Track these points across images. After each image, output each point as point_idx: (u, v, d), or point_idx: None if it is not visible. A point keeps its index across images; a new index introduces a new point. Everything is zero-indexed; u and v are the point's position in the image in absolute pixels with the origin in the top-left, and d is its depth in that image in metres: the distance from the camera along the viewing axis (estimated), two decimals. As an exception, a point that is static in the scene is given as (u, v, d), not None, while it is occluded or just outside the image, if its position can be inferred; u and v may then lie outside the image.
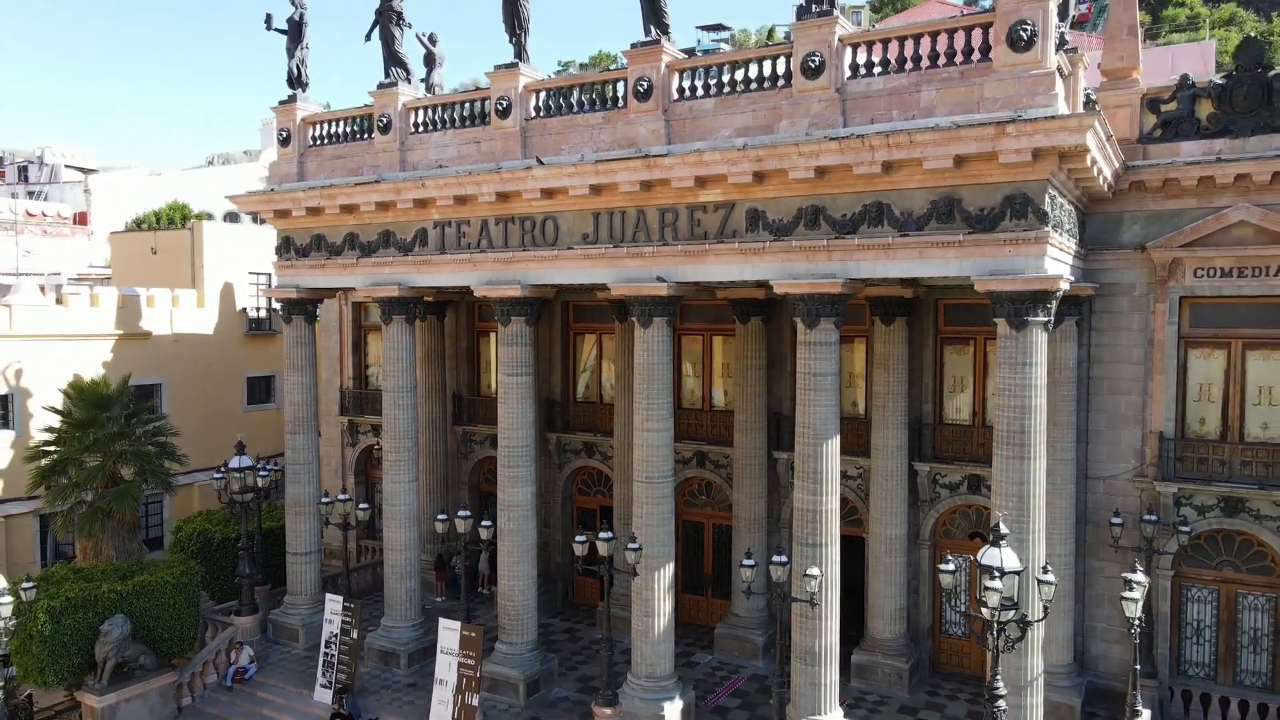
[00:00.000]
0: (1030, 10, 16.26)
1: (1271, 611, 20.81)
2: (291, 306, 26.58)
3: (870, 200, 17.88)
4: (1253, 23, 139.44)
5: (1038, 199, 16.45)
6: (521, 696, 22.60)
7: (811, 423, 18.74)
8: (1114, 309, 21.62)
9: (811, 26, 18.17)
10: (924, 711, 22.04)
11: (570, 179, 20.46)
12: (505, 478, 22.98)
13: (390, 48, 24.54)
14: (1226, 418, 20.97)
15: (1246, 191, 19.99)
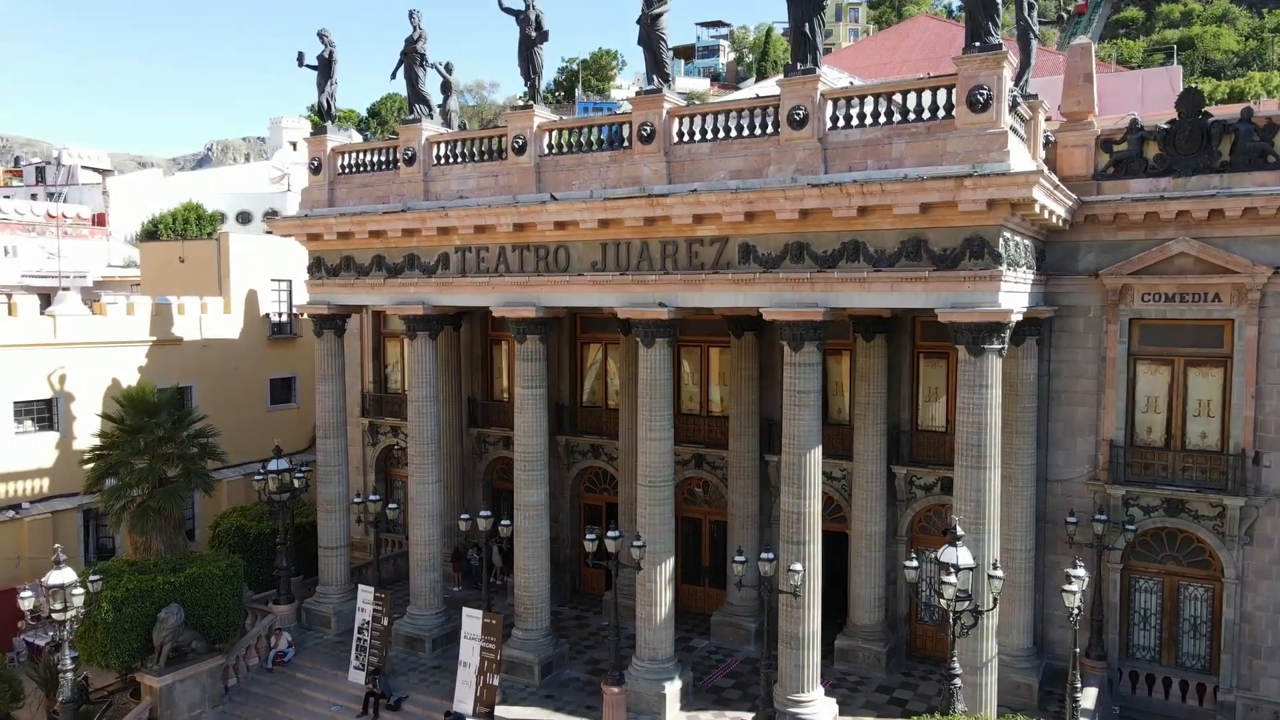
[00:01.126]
0: (986, 77, 18.55)
1: (1209, 601, 23.24)
2: (322, 322, 28.93)
3: (848, 238, 20.21)
4: (1245, 19, 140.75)
5: (993, 242, 18.78)
6: (536, 677, 25.08)
7: (796, 434, 21.13)
8: (1071, 329, 23.96)
9: (797, 83, 20.45)
10: (899, 690, 24.51)
11: (581, 214, 22.76)
12: (521, 480, 25.39)
13: (414, 86, 26.79)
14: (1170, 427, 23.35)
15: (1187, 225, 22.30)
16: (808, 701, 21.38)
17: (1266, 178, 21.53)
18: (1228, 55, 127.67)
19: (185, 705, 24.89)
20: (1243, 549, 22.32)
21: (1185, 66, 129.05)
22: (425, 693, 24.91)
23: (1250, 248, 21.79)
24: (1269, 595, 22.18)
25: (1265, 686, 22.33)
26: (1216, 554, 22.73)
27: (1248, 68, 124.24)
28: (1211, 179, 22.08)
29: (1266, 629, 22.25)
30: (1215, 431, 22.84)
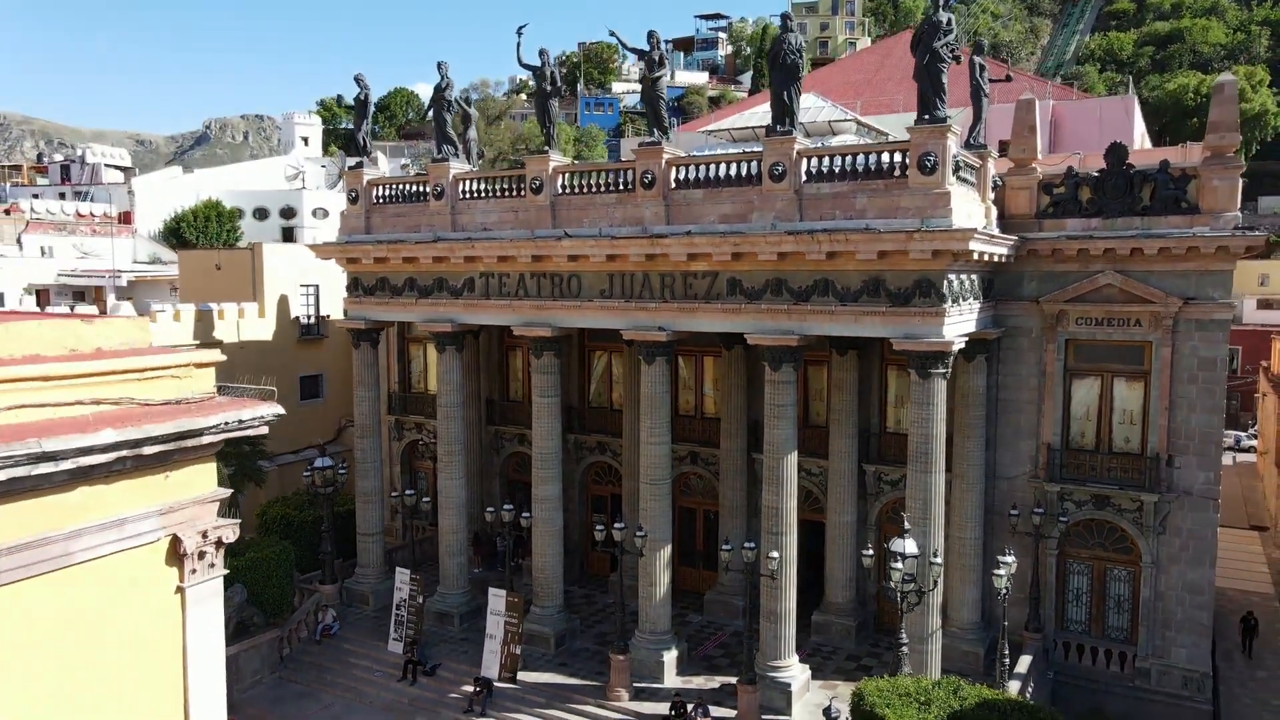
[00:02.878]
0: (934, 145, 22.12)
1: (1130, 582, 27.03)
2: (359, 335, 32.57)
3: (819, 277, 23.81)
4: (1234, 11, 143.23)
5: (938, 283, 22.39)
6: (552, 647, 28.92)
7: (775, 441, 24.85)
8: (1016, 347, 27.60)
9: (777, 142, 24.00)
10: (865, 659, 28.34)
11: (590, 249, 26.34)
12: (538, 477, 29.14)
13: (442, 129, 30.28)
14: (1099, 433, 27.06)
15: (1113, 260, 25.87)
16: (784, 667, 25.23)
17: (1179, 221, 25.13)
18: (1215, 48, 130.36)
19: (249, 672, 28.72)
20: (1157, 538, 26.09)
21: (1174, 59, 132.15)
22: (456, 661, 28.76)
23: (1165, 281, 25.39)
24: (1178, 577, 25.97)
25: (1175, 654, 26.18)
26: (1136, 542, 26.50)
27: (1235, 61, 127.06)
28: (1134, 220, 25.67)
29: (1176, 605, 26.07)
30: (1136, 437, 26.54)
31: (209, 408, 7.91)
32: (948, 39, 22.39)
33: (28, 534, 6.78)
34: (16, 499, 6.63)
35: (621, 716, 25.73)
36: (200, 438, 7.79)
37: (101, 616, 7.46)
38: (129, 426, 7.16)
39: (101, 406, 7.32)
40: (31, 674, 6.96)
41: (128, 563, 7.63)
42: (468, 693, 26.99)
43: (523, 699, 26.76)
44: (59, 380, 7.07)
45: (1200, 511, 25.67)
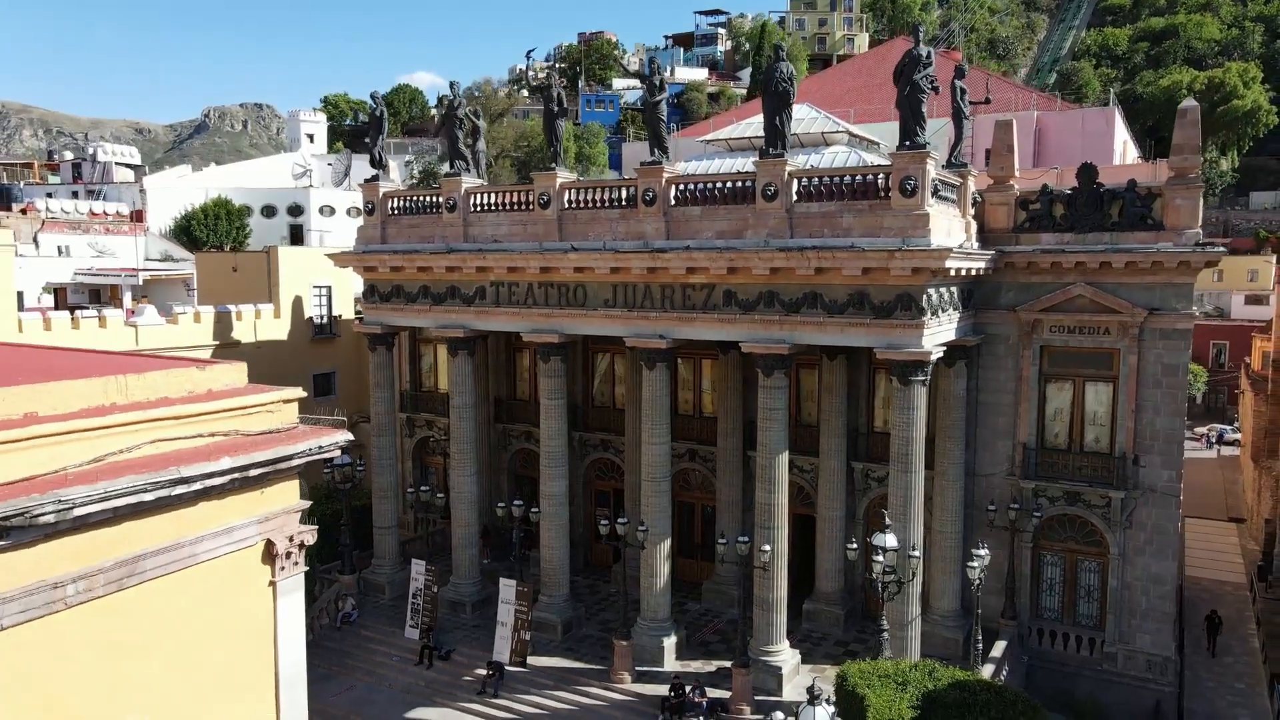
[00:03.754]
0: (914, 170, 23.90)
1: (1099, 573, 28.93)
2: (375, 339, 34.38)
3: (808, 290, 25.62)
4: (1229, 7, 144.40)
5: (918, 298, 24.20)
6: (559, 634, 30.84)
7: (768, 442, 26.70)
8: (995, 353, 29.42)
9: (769, 164, 25.77)
10: (852, 644, 30.25)
11: (596, 262, 28.14)
12: (545, 475, 31.01)
13: (454, 145, 32.03)
14: (1071, 434, 28.92)
15: (1084, 273, 27.67)
16: (776, 652, 27.16)
17: (1145, 236, 26.93)
18: (1209, 44, 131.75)
19: (275, 656, 30.59)
20: (1124, 531, 27.98)
21: (1168, 55, 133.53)
22: (469, 646, 30.69)
23: (1132, 292, 27.20)
24: (1143, 568, 27.88)
25: (1140, 640, 28.12)
26: (1104, 535, 28.40)
27: (1228, 56, 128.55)
28: (1104, 236, 27.46)
29: (1141, 595, 27.98)
30: (1105, 438, 28.40)
31: (296, 436, 9.72)
32: (927, 71, 24.12)
33: (167, 540, 8.60)
34: (160, 512, 8.45)
35: (624, 698, 27.66)
36: (290, 461, 9.61)
37: (215, 604, 9.29)
38: (240, 454, 8.97)
39: (216, 438, 9.12)
40: (169, 647, 8.80)
41: (234, 562, 9.45)
42: (481, 676, 28.92)
43: (532, 682, 28.70)
44: (185, 418, 8.87)
45: (1163, 507, 27.56)
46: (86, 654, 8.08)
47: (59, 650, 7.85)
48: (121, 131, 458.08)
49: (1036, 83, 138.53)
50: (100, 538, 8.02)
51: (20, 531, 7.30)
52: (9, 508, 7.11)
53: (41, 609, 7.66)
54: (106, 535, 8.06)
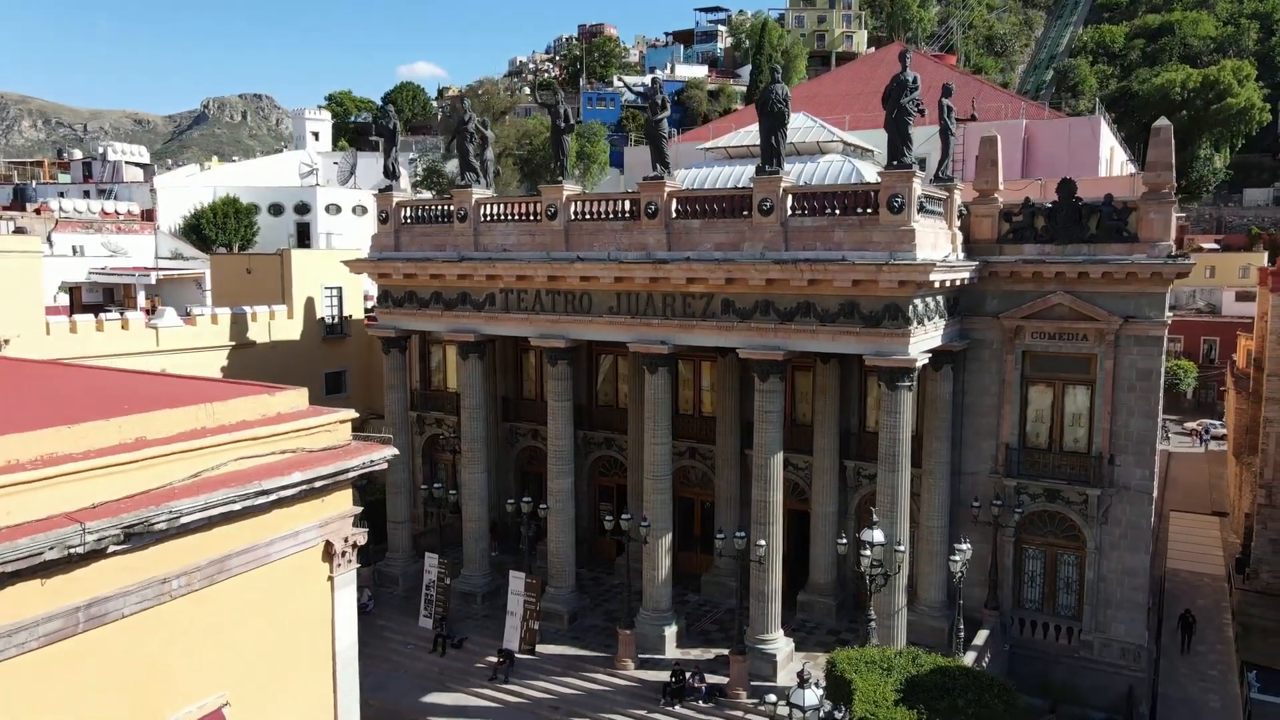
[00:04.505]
0: (901, 188, 25.43)
1: (1077, 566, 30.55)
2: (389, 342, 35.94)
3: (802, 300, 27.16)
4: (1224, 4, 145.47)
5: (905, 309, 25.74)
6: (565, 623, 32.49)
7: (763, 443, 28.29)
8: (979, 357, 30.97)
9: (765, 181, 27.28)
10: (844, 633, 31.87)
11: (600, 271, 29.67)
12: (552, 472, 32.61)
13: (465, 158, 33.52)
14: (1051, 434, 30.50)
15: (1064, 282, 29.20)
16: (771, 640, 28.79)
17: (1121, 248, 28.45)
18: (1205, 41, 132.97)
19: (296, 644, 32.26)
20: (1100, 527, 29.59)
21: (1164, 52, 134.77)
22: (480, 635, 32.34)
23: (1108, 301, 28.75)
24: (1118, 561, 29.50)
25: (1114, 629, 29.76)
26: (1082, 530, 30.01)
27: (1224, 54, 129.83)
28: (1082, 247, 28.99)
29: (1115, 586, 29.61)
30: (1083, 438, 29.99)
31: (352, 452, 11.28)
32: (913, 95, 25.62)
33: (247, 542, 10.17)
34: (243, 519, 10.02)
35: (628, 683, 29.31)
36: (346, 474, 11.17)
37: (283, 597, 10.86)
38: (306, 469, 10.53)
39: (285, 455, 10.67)
40: (247, 632, 10.38)
41: (299, 561, 11.02)
42: (492, 663, 30.57)
43: (541, 668, 30.35)
44: (261, 439, 10.42)
45: (1137, 504, 29.17)
46: (186, 637, 9.66)
47: (166, 634, 9.44)
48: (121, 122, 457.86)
49: (1033, 79, 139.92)
50: (197, 541, 9.60)
51: (139, 537, 8.88)
52: (133, 518, 8.68)
53: (154, 600, 9.24)
54: (202, 539, 9.64)
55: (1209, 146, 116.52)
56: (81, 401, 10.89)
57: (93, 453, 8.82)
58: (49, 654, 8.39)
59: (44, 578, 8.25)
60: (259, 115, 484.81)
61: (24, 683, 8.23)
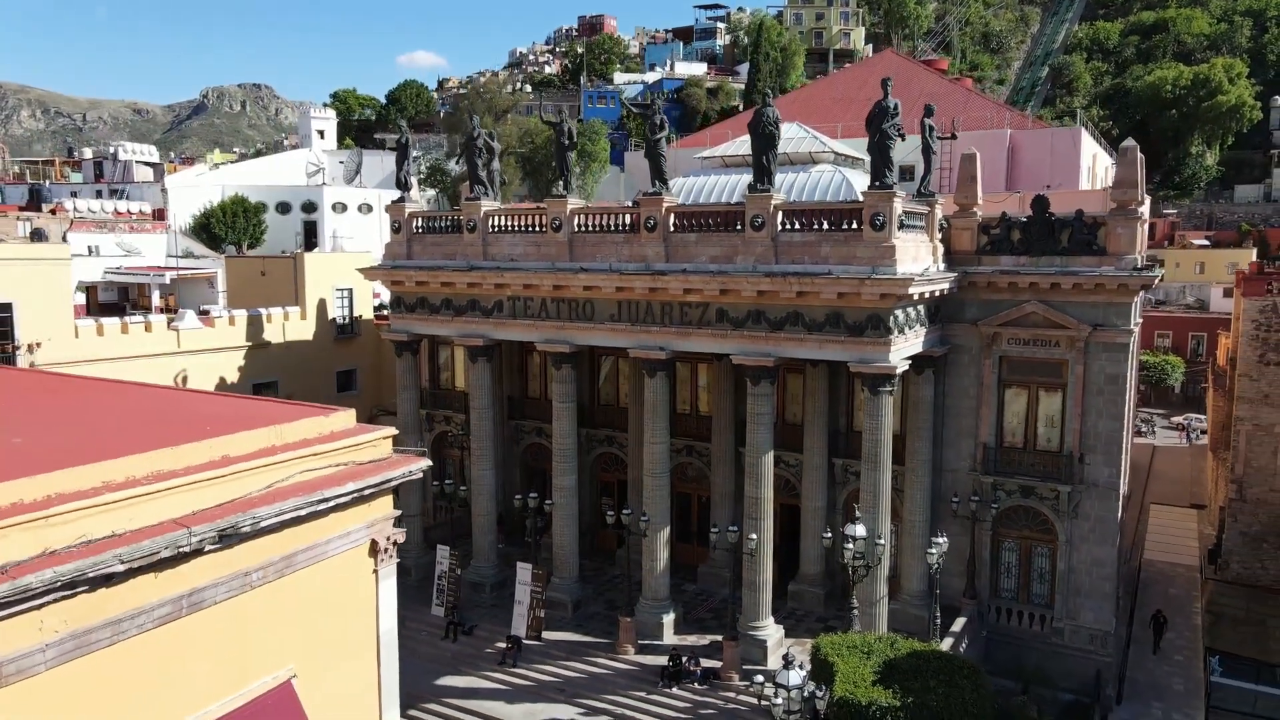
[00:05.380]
0: (882, 207, 27.32)
1: (1049, 557, 32.54)
2: (402, 346, 37.88)
3: (791, 310, 29.07)
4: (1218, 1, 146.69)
5: (886, 319, 27.67)
6: (570, 611, 34.51)
7: (755, 443, 30.25)
8: (959, 362, 32.90)
9: (757, 198, 29.17)
10: (831, 621, 33.83)
11: (603, 281, 31.57)
12: (557, 469, 34.59)
13: (474, 172, 35.37)
14: (1026, 434, 32.46)
15: (1037, 292, 31.10)
16: (762, 627, 30.82)
17: (1090, 261, 30.35)
18: (1198, 38, 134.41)
19: (316, 631, 34.30)
20: (1071, 521, 31.58)
21: (1158, 49, 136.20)
22: (490, 622, 34.38)
23: (1079, 310, 30.65)
24: (1087, 553, 31.50)
25: (1083, 616, 31.78)
26: (1054, 524, 32.00)
27: (1217, 51, 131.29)
28: (1055, 259, 30.89)
29: (1084, 576, 31.61)
30: (1055, 438, 31.94)
31: (393, 464, 13.21)
32: (894, 120, 27.50)
33: (309, 542, 12.11)
34: (307, 522, 11.96)
35: (628, 667, 31.34)
36: (389, 483, 13.12)
37: (337, 587, 12.81)
38: (357, 480, 12.47)
39: (339, 467, 12.60)
40: (308, 617, 12.34)
41: (349, 556, 12.96)
42: (501, 649, 32.61)
43: (547, 653, 32.38)
44: (320, 454, 12.35)
45: (1104, 500, 31.15)
46: (262, 620, 11.63)
47: (247, 618, 11.40)
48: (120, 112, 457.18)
49: (1029, 76, 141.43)
50: (271, 541, 11.55)
51: (229, 539, 10.83)
52: (225, 523, 10.63)
53: (238, 590, 11.20)
54: (275, 539, 11.59)
55: (1200, 143, 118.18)
56: (172, 422, 12.82)
57: (192, 469, 10.77)
58: (161, 632, 10.35)
59: (157, 572, 10.20)
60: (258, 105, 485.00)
61: (143, 654, 10.19)
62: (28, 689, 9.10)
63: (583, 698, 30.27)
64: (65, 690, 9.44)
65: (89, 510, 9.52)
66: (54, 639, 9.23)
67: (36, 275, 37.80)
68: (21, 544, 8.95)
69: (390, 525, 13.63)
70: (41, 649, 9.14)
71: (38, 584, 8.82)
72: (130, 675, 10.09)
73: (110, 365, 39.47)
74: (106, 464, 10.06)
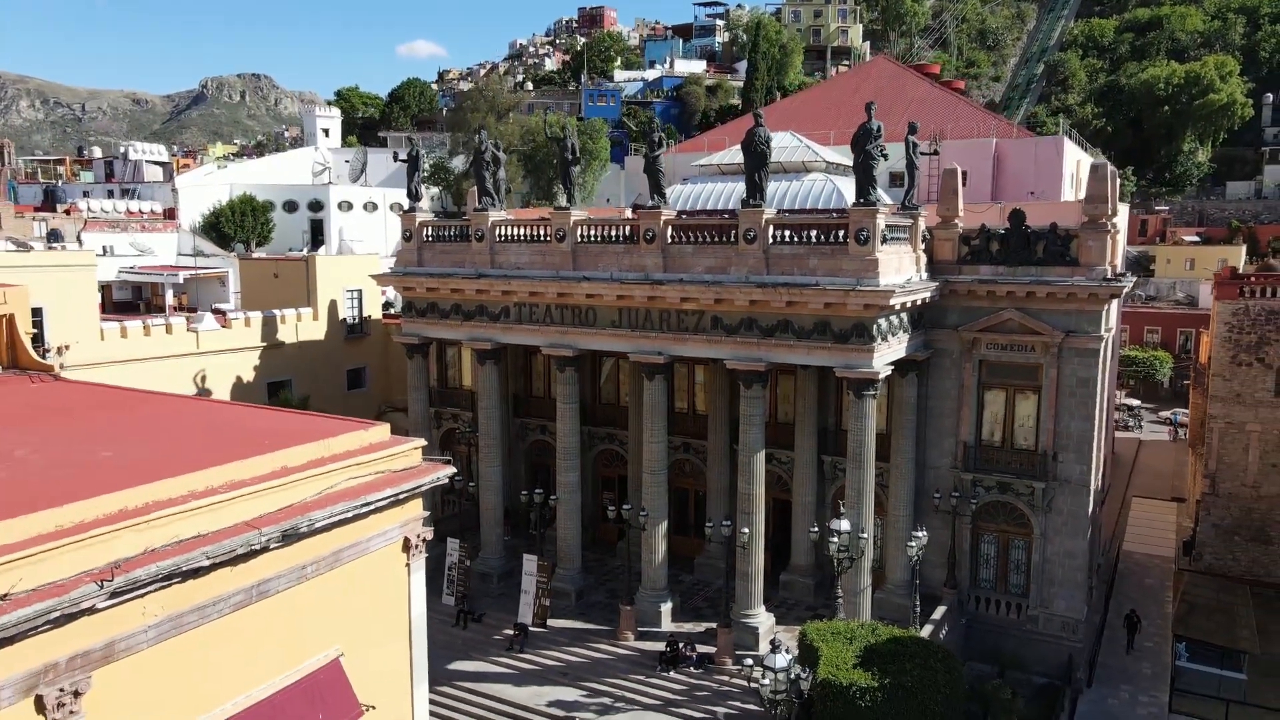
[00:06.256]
0: (866, 223, 29.20)
1: (1025, 549, 34.52)
2: (413, 348, 39.80)
3: (781, 318, 30.98)
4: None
5: (870, 328, 29.57)
6: (573, 600, 36.52)
7: (747, 443, 32.20)
8: (941, 365, 34.82)
9: (749, 213, 31.04)
10: (820, 609, 35.83)
11: (604, 290, 33.47)
12: (561, 467, 36.56)
13: (483, 184, 37.22)
14: (1004, 433, 34.40)
15: (1014, 300, 32.99)
16: (754, 615, 32.82)
17: (1063, 271, 32.24)
18: (1192, 35, 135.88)
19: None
20: (1045, 515, 33.55)
21: (1152, 46, 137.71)
22: (497, 611, 36.39)
23: (1053, 317, 32.56)
24: (1059, 545, 33.48)
25: (1056, 605, 33.79)
26: (1030, 518, 33.97)
27: (1210, 48, 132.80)
28: (1030, 269, 32.77)
29: (1057, 567, 33.61)
30: (1031, 437, 33.89)
31: (423, 471, 15.13)
32: (877, 142, 29.35)
33: (353, 540, 14.04)
34: (351, 523, 13.89)
35: (629, 652, 33.36)
36: (420, 488, 15.05)
37: (375, 579, 14.74)
38: (393, 486, 14.40)
39: (378, 475, 14.52)
40: (352, 605, 14.28)
41: (386, 552, 14.88)
42: (508, 635, 34.62)
43: (552, 640, 34.40)
44: (362, 464, 14.27)
45: (1076, 496, 33.12)
46: (315, 607, 13.57)
47: (303, 605, 13.33)
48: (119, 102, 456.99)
49: (1025, 73, 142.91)
50: (322, 539, 13.47)
51: (290, 538, 12.76)
52: (287, 525, 12.56)
53: (295, 581, 13.13)
54: (326, 537, 13.51)
55: (1193, 140, 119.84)
56: (234, 437, 14.73)
57: (258, 478, 12.69)
58: (235, 616, 12.28)
59: (232, 566, 12.14)
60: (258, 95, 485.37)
61: (221, 635, 12.12)
62: (134, 662, 11.05)
63: (585, 681, 32.28)
64: (162, 664, 11.38)
65: (180, 515, 11.44)
66: (154, 621, 11.17)
67: (64, 280, 39.68)
68: (129, 544, 10.88)
69: (420, 524, 15.56)
70: (145, 629, 11.08)
71: (144, 576, 10.76)
72: (212, 652, 12.03)
73: (134, 366, 41.48)
74: (190, 476, 11.98)
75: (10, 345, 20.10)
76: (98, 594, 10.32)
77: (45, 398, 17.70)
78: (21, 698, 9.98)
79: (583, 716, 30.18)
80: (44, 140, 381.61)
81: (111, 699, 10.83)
